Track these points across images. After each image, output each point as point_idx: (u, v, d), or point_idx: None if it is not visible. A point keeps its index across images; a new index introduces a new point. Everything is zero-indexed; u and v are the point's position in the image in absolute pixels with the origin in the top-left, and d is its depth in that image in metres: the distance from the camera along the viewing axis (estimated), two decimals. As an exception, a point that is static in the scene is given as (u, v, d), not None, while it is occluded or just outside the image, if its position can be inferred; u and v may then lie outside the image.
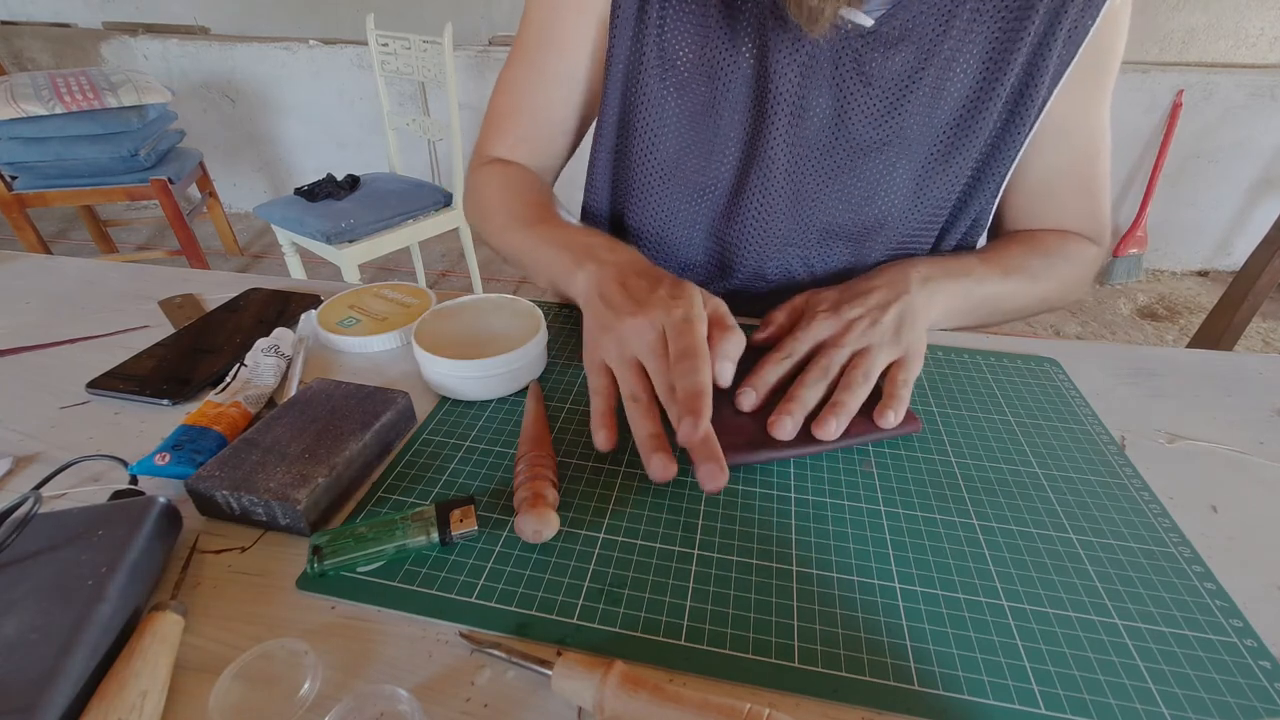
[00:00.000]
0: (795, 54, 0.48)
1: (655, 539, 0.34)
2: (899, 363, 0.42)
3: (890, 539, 0.34)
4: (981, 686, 0.27)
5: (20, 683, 0.23)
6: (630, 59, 0.52)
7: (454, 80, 1.61)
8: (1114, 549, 0.34)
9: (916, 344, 0.43)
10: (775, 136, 0.50)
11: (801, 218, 0.54)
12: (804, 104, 0.49)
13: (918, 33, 0.47)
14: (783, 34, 0.47)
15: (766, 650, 0.28)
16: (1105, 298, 2.32)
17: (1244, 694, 0.27)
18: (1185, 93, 2.12)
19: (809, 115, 0.50)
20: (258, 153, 2.74)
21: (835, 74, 0.48)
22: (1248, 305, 1.53)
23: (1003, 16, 0.46)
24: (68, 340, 0.51)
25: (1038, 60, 0.47)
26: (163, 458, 0.37)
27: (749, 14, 0.48)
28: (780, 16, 0.47)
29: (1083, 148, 0.53)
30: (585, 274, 0.44)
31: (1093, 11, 0.46)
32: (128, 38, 2.50)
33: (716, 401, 0.36)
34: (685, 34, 0.50)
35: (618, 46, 0.52)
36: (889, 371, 0.42)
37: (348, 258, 1.54)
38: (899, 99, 0.49)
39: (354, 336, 0.49)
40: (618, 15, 0.51)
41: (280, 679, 0.27)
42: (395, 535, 0.31)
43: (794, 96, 0.49)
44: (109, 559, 0.28)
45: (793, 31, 0.47)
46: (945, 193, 0.53)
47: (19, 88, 1.64)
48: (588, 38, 0.54)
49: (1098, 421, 0.44)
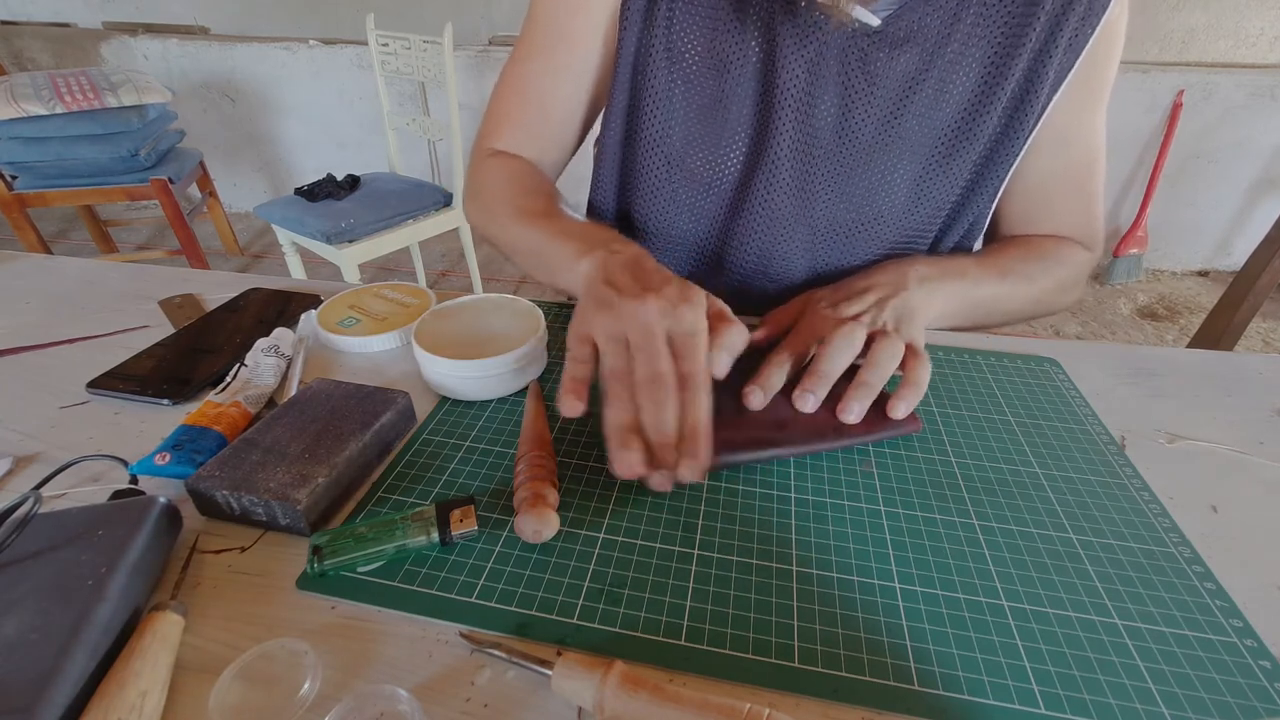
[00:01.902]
0: (803, 49, 0.48)
1: (655, 539, 0.34)
2: (915, 354, 0.42)
3: (890, 539, 0.34)
4: (981, 686, 0.27)
5: (20, 683, 0.23)
6: (638, 51, 0.52)
7: (454, 80, 1.61)
8: (1114, 549, 0.34)
9: (917, 340, 0.43)
10: (782, 131, 0.51)
11: (804, 213, 0.54)
12: (811, 100, 0.49)
13: (923, 34, 0.47)
14: (791, 29, 0.48)
15: (766, 650, 0.28)
16: (1105, 298, 2.32)
17: (1244, 694, 0.27)
18: (1185, 93, 2.12)
19: (815, 111, 0.50)
20: (258, 153, 2.74)
21: (842, 71, 0.48)
22: (1248, 305, 1.53)
23: (1006, 22, 0.46)
24: (68, 340, 0.51)
25: (1038, 67, 0.48)
26: (163, 458, 0.37)
27: (758, 7, 0.48)
28: (790, 10, 0.47)
29: (1079, 155, 0.54)
30: (591, 260, 0.41)
31: (1092, 21, 0.47)
32: (128, 38, 2.50)
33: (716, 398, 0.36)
34: (694, 27, 0.50)
35: (627, 38, 0.52)
36: (906, 362, 0.42)
37: (348, 258, 1.54)
38: (903, 99, 0.49)
39: (354, 336, 0.49)
40: (628, 8, 0.51)
41: (280, 679, 0.27)
42: (395, 535, 0.31)
43: (801, 92, 0.49)
44: (109, 559, 0.28)
45: (801, 27, 0.47)
46: (944, 193, 0.53)
47: (19, 87, 1.64)
48: (599, 31, 0.54)
49: (1098, 421, 0.44)
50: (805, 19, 0.47)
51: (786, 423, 0.40)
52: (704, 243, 0.59)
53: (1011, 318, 0.56)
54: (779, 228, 0.55)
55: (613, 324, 0.35)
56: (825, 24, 0.47)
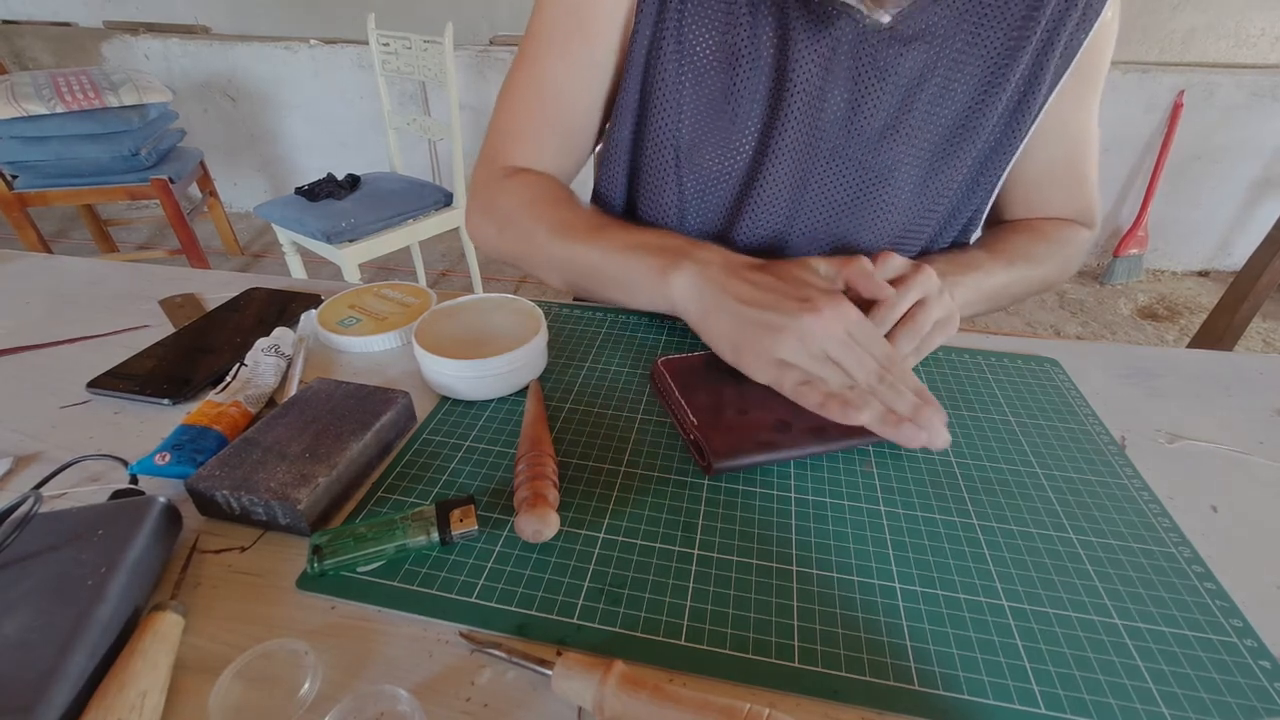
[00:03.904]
0: (816, 45, 0.48)
1: (655, 539, 0.34)
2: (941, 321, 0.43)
3: (890, 539, 0.34)
4: (981, 686, 0.27)
5: (20, 683, 0.23)
6: (651, 46, 0.52)
7: (455, 80, 1.61)
8: (1114, 549, 0.34)
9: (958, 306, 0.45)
10: (790, 125, 0.51)
11: (809, 206, 0.55)
12: (822, 96, 0.50)
13: (931, 32, 0.48)
14: (804, 24, 0.48)
15: (766, 650, 0.28)
16: (1105, 298, 2.32)
17: (1244, 694, 0.27)
18: (1186, 93, 2.11)
19: (826, 107, 0.50)
20: (258, 152, 2.74)
21: (854, 67, 0.49)
22: (1248, 305, 1.53)
23: (1009, 24, 0.48)
24: (68, 340, 0.51)
25: (1038, 69, 0.49)
26: (163, 457, 0.37)
27: (771, 2, 0.49)
28: (804, 4, 0.47)
29: (1075, 143, 0.57)
30: (686, 275, 0.43)
31: (1087, 25, 0.49)
32: (128, 37, 2.50)
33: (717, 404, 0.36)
34: (706, 21, 0.50)
35: (640, 33, 0.51)
36: None
37: (348, 257, 1.54)
38: (910, 95, 0.50)
39: (354, 336, 0.49)
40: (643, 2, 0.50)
41: (280, 679, 0.27)
42: (395, 535, 0.31)
43: (813, 88, 0.50)
44: (109, 559, 0.28)
45: (815, 23, 0.48)
46: (945, 188, 0.55)
47: (19, 87, 1.64)
48: (617, 23, 0.52)
49: (1098, 421, 0.44)
50: (819, 13, 0.47)
51: (789, 424, 0.40)
52: (710, 235, 0.60)
53: (1021, 298, 0.58)
54: (784, 220, 0.55)
55: (802, 346, 0.38)
56: (839, 19, 0.47)
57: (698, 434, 0.39)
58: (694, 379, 0.44)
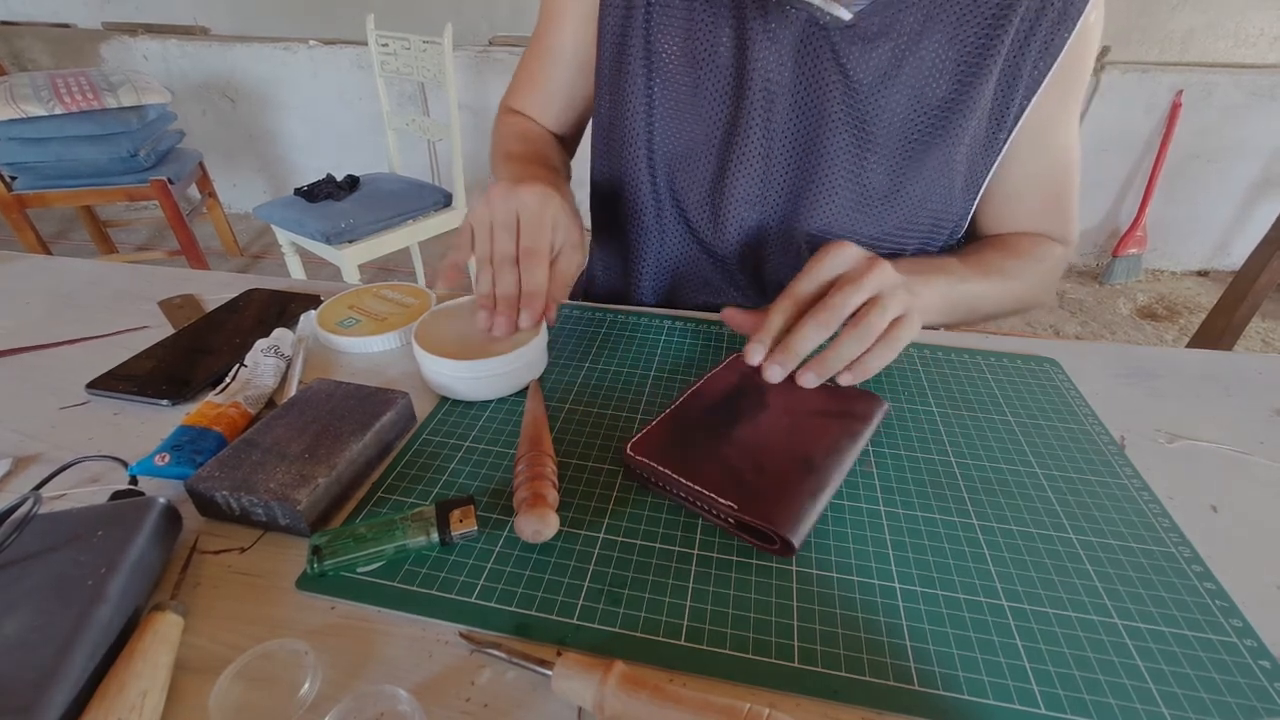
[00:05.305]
0: (772, 43, 0.49)
1: (655, 539, 0.34)
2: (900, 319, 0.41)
3: (890, 539, 0.34)
4: (981, 686, 0.27)
5: (20, 683, 0.23)
6: (617, 55, 0.54)
7: (454, 80, 1.61)
8: (1114, 549, 0.34)
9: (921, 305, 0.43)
10: (753, 125, 0.51)
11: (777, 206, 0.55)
12: (780, 94, 0.50)
13: (897, 31, 0.47)
14: (762, 23, 0.49)
15: (766, 650, 0.28)
16: (1105, 298, 2.32)
17: (1244, 694, 0.27)
18: (1185, 93, 2.11)
19: (786, 104, 0.51)
20: (257, 153, 2.74)
21: (814, 65, 0.49)
22: (1247, 305, 1.53)
23: (980, 23, 0.47)
24: (68, 340, 0.51)
25: (1014, 69, 0.48)
26: (162, 458, 0.37)
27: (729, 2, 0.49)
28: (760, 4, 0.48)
29: (1056, 157, 0.54)
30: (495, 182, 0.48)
31: (1068, 25, 0.47)
32: (127, 38, 2.49)
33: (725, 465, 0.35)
34: (670, 26, 0.51)
35: (604, 43, 0.53)
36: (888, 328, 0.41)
37: (347, 258, 1.54)
38: (875, 94, 0.49)
39: (354, 337, 0.49)
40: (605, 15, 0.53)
41: (280, 679, 0.27)
42: (395, 535, 0.31)
43: (771, 84, 0.50)
44: (109, 559, 0.28)
45: (773, 21, 0.48)
46: (925, 194, 0.53)
47: (18, 88, 1.64)
48: (580, 16, 0.57)
49: (1097, 421, 0.44)
50: (775, 13, 0.48)
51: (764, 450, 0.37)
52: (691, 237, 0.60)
53: (992, 314, 0.56)
54: (756, 218, 0.56)
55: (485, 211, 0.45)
56: (796, 17, 0.47)
57: (741, 517, 0.33)
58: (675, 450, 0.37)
